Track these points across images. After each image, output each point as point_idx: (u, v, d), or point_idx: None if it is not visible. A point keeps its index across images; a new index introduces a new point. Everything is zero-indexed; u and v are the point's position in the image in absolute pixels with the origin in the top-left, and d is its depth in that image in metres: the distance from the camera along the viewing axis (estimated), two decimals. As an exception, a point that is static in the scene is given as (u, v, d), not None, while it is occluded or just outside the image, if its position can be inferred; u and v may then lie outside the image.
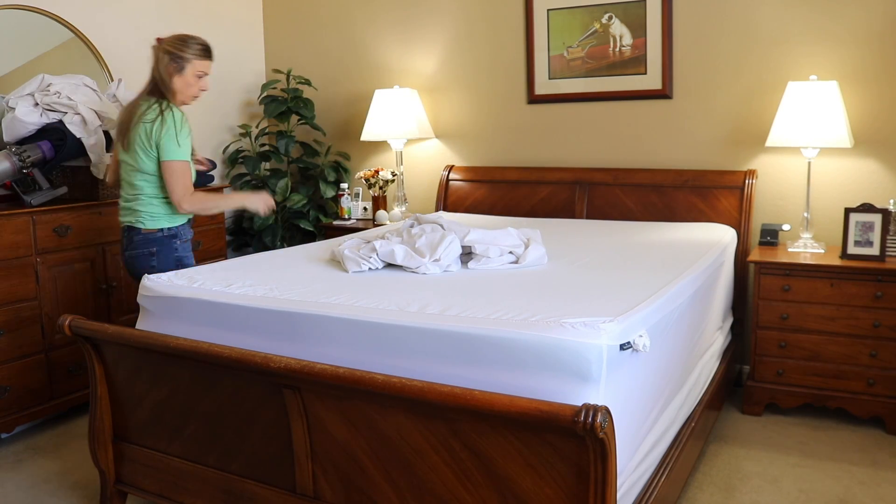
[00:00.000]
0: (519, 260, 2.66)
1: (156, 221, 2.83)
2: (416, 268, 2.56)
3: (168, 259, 2.85)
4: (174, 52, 2.79)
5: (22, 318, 3.07)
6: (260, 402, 2.07)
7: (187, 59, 2.79)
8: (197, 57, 2.81)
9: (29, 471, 2.91)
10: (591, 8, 3.84)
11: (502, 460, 1.72)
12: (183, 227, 2.90)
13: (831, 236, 3.42)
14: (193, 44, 2.82)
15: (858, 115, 3.33)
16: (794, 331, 3.15)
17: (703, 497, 2.58)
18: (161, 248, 2.84)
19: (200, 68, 2.84)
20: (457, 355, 1.91)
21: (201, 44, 2.84)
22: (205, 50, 2.85)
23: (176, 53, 2.79)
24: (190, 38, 2.82)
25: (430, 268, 2.55)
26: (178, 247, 2.88)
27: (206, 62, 2.86)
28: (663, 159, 3.79)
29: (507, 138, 4.17)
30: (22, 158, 3.08)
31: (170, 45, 2.79)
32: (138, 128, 2.76)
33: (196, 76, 2.84)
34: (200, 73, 2.84)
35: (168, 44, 2.80)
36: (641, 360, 2.01)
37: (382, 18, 4.47)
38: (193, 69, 2.82)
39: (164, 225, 2.84)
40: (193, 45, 2.81)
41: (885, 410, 3.02)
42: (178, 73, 2.80)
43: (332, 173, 4.48)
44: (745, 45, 3.55)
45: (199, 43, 2.83)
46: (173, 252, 2.87)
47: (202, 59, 2.83)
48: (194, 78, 2.84)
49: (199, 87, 2.88)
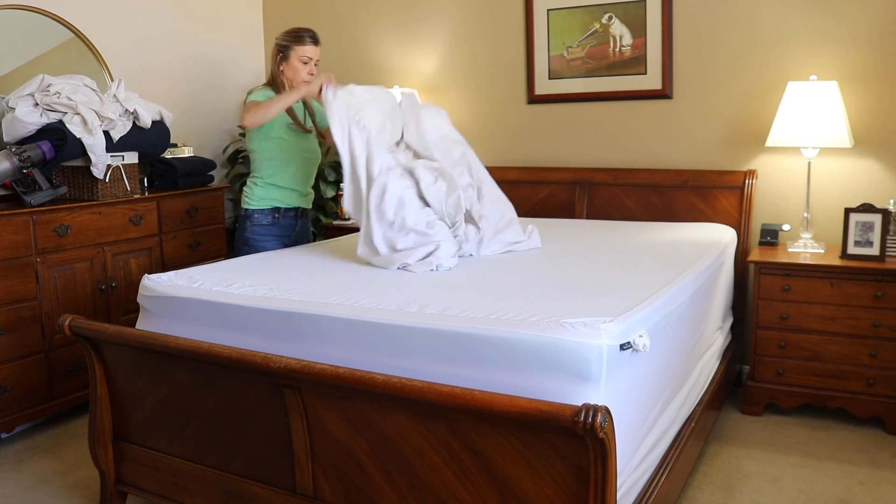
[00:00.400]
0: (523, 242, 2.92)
1: (242, 200, 3.19)
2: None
3: (239, 238, 3.17)
4: (280, 42, 3.08)
5: (22, 318, 3.07)
6: (260, 402, 2.07)
7: (290, 47, 3.05)
8: (298, 43, 3.05)
9: (29, 471, 2.91)
10: (591, 8, 3.84)
11: (502, 460, 1.72)
12: (260, 212, 3.13)
13: (831, 236, 3.42)
14: (297, 32, 3.07)
15: (858, 115, 3.33)
16: (794, 331, 3.15)
17: (703, 497, 2.58)
18: (240, 225, 3.18)
19: (303, 54, 3.06)
20: (457, 355, 1.92)
21: (305, 31, 3.09)
22: (308, 37, 3.08)
23: (281, 44, 3.08)
24: (295, 28, 3.09)
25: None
26: (247, 228, 3.14)
27: (309, 47, 3.07)
28: (663, 159, 3.79)
29: (507, 138, 4.17)
30: (22, 158, 3.07)
31: (279, 38, 3.10)
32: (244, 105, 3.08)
33: (301, 62, 3.06)
34: (305, 58, 3.06)
35: (278, 38, 3.11)
36: (641, 360, 2.01)
37: (383, 19, 4.47)
38: (297, 55, 3.06)
39: (245, 205, 3.17)
40: (296, 33, 3.07)
41: (885, 410, 3.02)
42: (285, 62, 3.08)
43: (333, 173, 4.48)
44: (745, 45, 3.55)
45: (302, 30, 3.08)
46: (243, 232, 3.15)
47: (303, 45, 3.06)
48: (300, 63, 3.07)
49: (308, 71, 3.09)
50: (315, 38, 3.10)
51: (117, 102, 3.45)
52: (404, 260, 2.60)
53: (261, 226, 3.14)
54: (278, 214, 3.17)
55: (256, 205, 3.14)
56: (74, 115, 3.25)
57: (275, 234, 3.18)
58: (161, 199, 3.65)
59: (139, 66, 4.05)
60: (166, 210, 3.67)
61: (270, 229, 3.17)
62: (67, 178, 3.45)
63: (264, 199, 3.15)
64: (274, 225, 3.17)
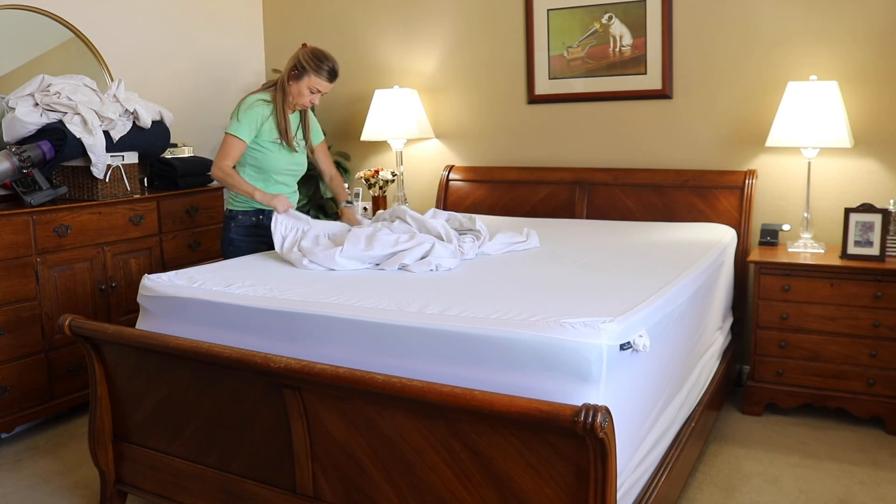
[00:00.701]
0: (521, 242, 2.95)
1: (226, 200, 3.25)
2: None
3: (224, 238, 3.22)
4: (302, 60, 3.05)
5: (22, 318, 3.07)
6: (260, 402, 2.07)
7: (307, 71, 3.04)
8: (315, 73, 3.04)
9: (29, 471, 2.91)
10: (591, 8, 3.84)
11: (502, 460, 1.72)
12: (243, 213, 3.15)
13: (831, 236, 3.42)
14: (320, 61, 3.05)
15: (858, 115, 3.33)
16: (794, 331, 3.15)
17: (703, 497, 2.58)
18: (224, 226, 3.23)
19: (315, 84, 3.06)
20: (457, 355, 1.92)
21: (328, 61, 3.06)
22: (328, 71, 3.06)
23: (302, 63, 3.04)
24: (323, 56, 3.06)
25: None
26: (231, 229, 3.17)
27: (324, 82, 3.08)
28: (663, 159, 3.79)
29: (507, 138, 4.17)
30: (22, 158, 3.07)
31: (304, 53, 3.06)
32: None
33: (309, 89, 3.07)
34: (314, 88, 3.07)
35: (304, 52, 3.07)
36: (641, 360, 2.01)
37: (382, 18, 4.47)
38: (309, 82, 3.05)
39: (228, 206, 3.21)
40: (319, 61, 3.04)
41: (885, 410, 3.02)
42: (295, 81, 3.06)
43: (332, 173, 4.47)
44: (744, 45, 3.55)
45: (327, 62, 3.06)
46: (227, 232, 3.19)
47: (319, 76, 3.05)
48: (307, 89, 3.07)
49: (310, 99, 3.11)
50: (334, 75, 3.09)
51: (117, 102, 3.45)
52: (402, 260, 2.60)
53: (244, 227, 3.15)
54: (262, 216, 3.14)
55: (239, 206, 3.15)
56: (74, 115, 3.25)
57: (258, 235, 3.16)
58: (161, 199, 3.65)
59: (139, 66, 4.05)
60: (166, 210, 3.67)
61: (253, 230, 3.16)
62: (67, 178, 3.45)
63: (245, 201, 3.13)
64: (257, 226, 3.15)
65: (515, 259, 2.81)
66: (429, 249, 2.64)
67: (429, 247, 2.64)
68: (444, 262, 2.60)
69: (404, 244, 2.66)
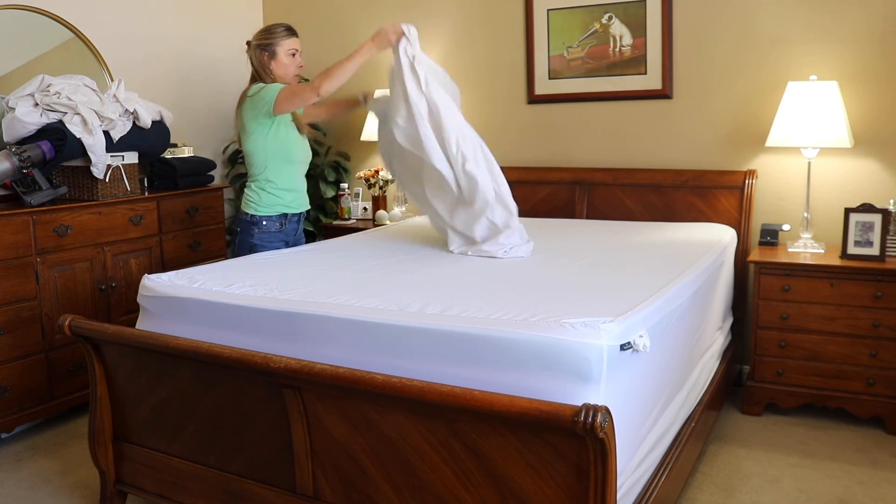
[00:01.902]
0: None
1: (246, 205, 3.11)
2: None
3: (243, 243, 3.11)
4: (262, 42, 3.04)
5: (22, 318, 3.07)
6: (260, 402, 2.07)
7: (275, 42, 3.04)
8: (283, 37, 3.05)
9: (29, 471, 2.91)
10: (591, 8, 3.84)
11: (502, 460, 1.72)
12: (268, 219, 3.09)
13: (831, 236, 3.42)
14: (275, 28, 3.07)
15: (858, 115, 3.33)
16: (794, 331, 3.15)
17: (703, 497, 2.58)
18: (243, 230, 3.12)
19: (289, 46, 3.07)
20: (457, 355, 1.92)
21: (282, 25, 3.09)
22: (287, 29, 3.08)
23: (264, 43, 3.04)
24: (271, 26, 3.09)
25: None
26: (254, 235, 3.09)
27: (293, 39, 3.09)
28: (663, 159, 3.79)
29: (507, 138, 4.17)
30: (22, 158, 3.07)
31: (256, 39, 3.07)
32: (244, 104, 3.03)
33: (289, 55, 3.07)
34: (291, 50, 3.07)
35: (255, 39, 3.07)
36: (641, 361, 2.01)
37: (382, 18, 4.47)
38: (283, 50, 3.05)
39: (251, 211, 3.09)
40: (275, 29, 3.06)
41: (885, 410, 3.02)
42: (273, 59, 3.05)
43: (332, 173, 4.48)
44: (745, 45, 3.55)
45: (280, 25, 3.08)
46: (249, 237, 3.09)
47: (288, 38, 3.06)
48: (288, 58, 3.08)
49: (297, 64, 3.11)
50: (294, 30, 3.12)
51: (117, 102, 3.45)
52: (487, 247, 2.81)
53: (269, 233, 3.10)
54: (286, 220, 3.15)
55: (265, 211, 3.09)
56: (74, 115, 3.25)
57: (281, 239, 3.16)
58: (161, 199, 3.65)
59: (139, 67, 4.05)
60: (166, 210, 3.67)
61: (278, 235, 3.14)
62: (67, 178, 3.45)
63: (273, 205, 3.09)
64: (281, 231, 3.15)
65: (515, 259, 2.80)
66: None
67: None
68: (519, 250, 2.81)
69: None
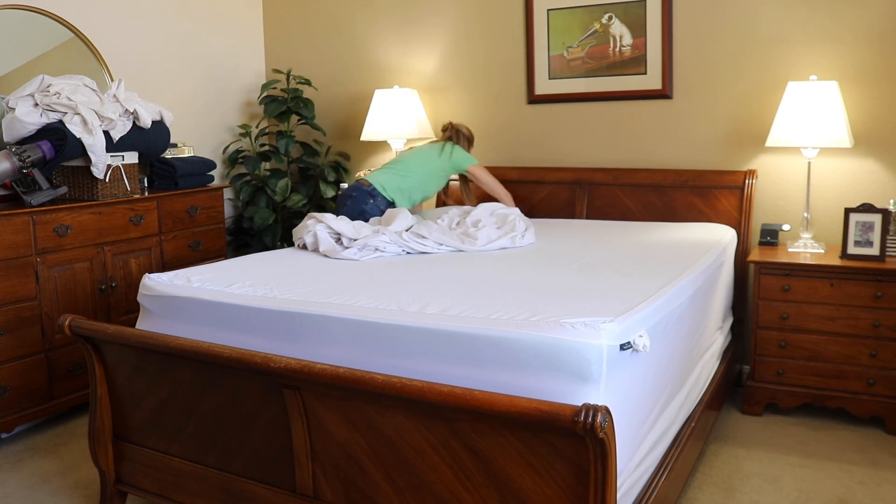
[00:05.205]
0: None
1: (380, 185, 3.59)
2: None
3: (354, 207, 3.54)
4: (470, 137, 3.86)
5: (22, 318, 3.07)
6: (260, 402, 2.07)
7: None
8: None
9: (29, 471, 2.91)
10: (591, 8, 3.84)
11: (502, 460, 1.72)
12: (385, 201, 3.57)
13: (831, 236, 3.42)
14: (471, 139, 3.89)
15: (858, 115, 3.33)
16: (794, 331, 3.15)
17: (703, 497, 2.58)
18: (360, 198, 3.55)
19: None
20: (457, 355, 1.92)
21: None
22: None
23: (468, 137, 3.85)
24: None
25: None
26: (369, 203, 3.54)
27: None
28: (663, 159, 3.80)
29: (507, 138, 4.17)
30: (22, 158, 3.07)
31: (468, 133, 3.85)
32: (455, 150, 3.73)
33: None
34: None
35: (467, 133, 3.84)
36: (641, 361, 2.01)
37: (383, 18, 4.47)
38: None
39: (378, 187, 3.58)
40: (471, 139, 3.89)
41: (885, 410, 3.02)
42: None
43: (332, 173, 4.48)
44: (744, 46, 3.55)
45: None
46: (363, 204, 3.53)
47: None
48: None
49: None
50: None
51: (117, 102, 3.44)
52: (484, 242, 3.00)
53: (378, 209, 3.50)
54: (386, 207, 3.55)
55: (390, 195, 3.55)
56: (74, 115, 3.25)
57: (376, 213, 3.52)
58: (161, 199, 3.65)
59: (139, 66, 4.05)
60: (166, 210, 3.67)
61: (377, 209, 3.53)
62: (67, 178, 3.45)
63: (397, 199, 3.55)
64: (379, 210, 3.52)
65: (515, 259, 2.81)
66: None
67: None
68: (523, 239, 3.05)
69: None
